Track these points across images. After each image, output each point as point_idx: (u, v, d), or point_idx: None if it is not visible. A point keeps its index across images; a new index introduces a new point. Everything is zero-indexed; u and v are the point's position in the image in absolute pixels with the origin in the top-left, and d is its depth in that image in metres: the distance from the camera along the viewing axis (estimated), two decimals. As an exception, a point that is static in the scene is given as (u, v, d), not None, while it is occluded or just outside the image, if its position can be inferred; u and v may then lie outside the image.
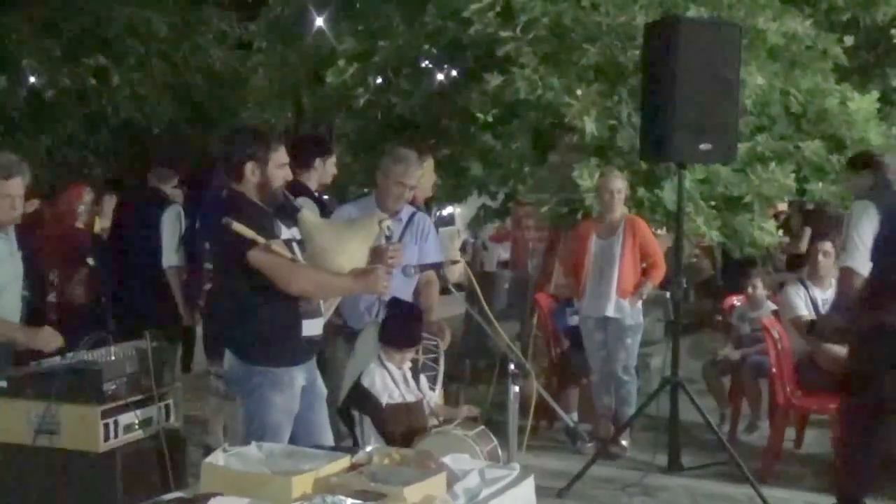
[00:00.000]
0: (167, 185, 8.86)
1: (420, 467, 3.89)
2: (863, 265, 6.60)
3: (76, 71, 16.26)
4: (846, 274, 6.94)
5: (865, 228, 6.74)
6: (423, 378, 5.99)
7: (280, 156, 5.08)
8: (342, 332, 6.36)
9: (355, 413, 5.69)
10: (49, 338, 5.52)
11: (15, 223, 5.73)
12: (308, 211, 5.53)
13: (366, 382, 5.64)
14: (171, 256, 8.35)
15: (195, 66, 17.30)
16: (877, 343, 6.03)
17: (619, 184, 8.44)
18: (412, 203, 6.73)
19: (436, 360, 6.27)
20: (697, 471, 7.64)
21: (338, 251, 5.27)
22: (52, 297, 7.56)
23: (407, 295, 6.28)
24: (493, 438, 5.45)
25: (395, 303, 5.83)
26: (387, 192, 6.38)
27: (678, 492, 7.25)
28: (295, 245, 5.08)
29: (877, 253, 6.30)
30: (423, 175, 6.87)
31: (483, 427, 5.58)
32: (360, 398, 5.66)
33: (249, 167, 5.01)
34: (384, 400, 5.62)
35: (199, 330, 8.96)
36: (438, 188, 9.75)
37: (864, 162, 7.62)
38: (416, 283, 6.46)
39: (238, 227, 4.76)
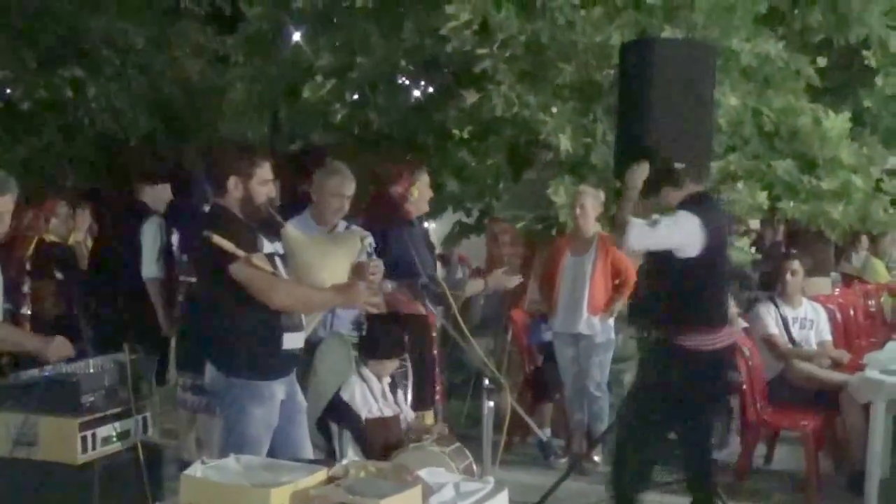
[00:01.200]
0: (159, 200, 8.88)
1: (396, 480, 3.93)
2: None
3: (52, 82, 16.20)
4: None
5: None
6: (400, 393, 6.04)
7: (264, 172, 5.13)
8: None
9: (334, 426, 5.73)
10: (62, 347, 5.54)
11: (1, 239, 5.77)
12: (291, 226, 5.57)
13: (345, 396, 5.69)
14: (150, 268, 8.37)
15: (172, 79, 17.27)
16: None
17: (589, 200, 8.51)
18: (406, 218, 6.80)
19: (405, 375, 6.33)
20: (668, 487, 7.70)
21: (320, 266, 5.32)
22: (25, 310, 7.58)
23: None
24: (469, 455, 5.51)
25: (372, 316, 5.89)
26: (325, 206, 6.42)
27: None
28: (277, 259, 5.13)
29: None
30: (419, 191, 6.90)
31: (459, 444, 5.64)
32: (340, 411, 5.71)
33: (233, 181, 5.06)
34: (364, 414, 5.67)
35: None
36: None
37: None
38: None
39: (218, 240, 4.81)
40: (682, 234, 5.89)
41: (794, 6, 11.07)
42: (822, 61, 10.86)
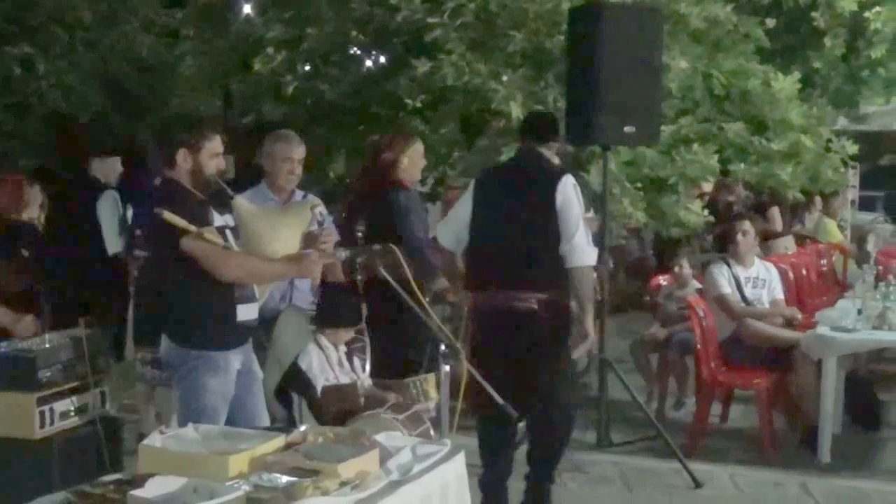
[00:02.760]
0: (110, 173, 8.83)
1: (353, 445, 3.98)
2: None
3: (1, 59, 16.05)
4: None
5: None
6: (356, 360, 6.08)
7: (214, 145, 5.13)
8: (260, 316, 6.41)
9: (293, 395, 5.77)
10: (29, 325, 5.60)
11: None
12: (241, 198, 5.58)
13: (303, 364, 5.72)
14: (114, 242, 8.33)
15: (122, 55, 17.13)
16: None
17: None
18: (402, 186, 6.83)
19: (363, 350, 6.36)
20: (626, 447, 7.80)
21: (271, 237, 5.34)
22: None
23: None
24: (426, 421, 5.56)
25: (327, 283, 5.91)
26: (277, 173, 6.40)
27: (607, 467, 7.38)
28: (228, 232, 5.13)
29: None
30: (409, 159, 6.92)
31: (415, 411, 5.69)
32: (297, 380, 5.74)
33: (182, 154, 5.06)
34: (321, 382, 5.71)
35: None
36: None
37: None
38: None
39: (170, 216, 4.82)
40: None
41: (742, -31, 11.16)
42: (771, 23, 10.97)
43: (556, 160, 6.41)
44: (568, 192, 5.99)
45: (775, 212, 12.81)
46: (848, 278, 12.27)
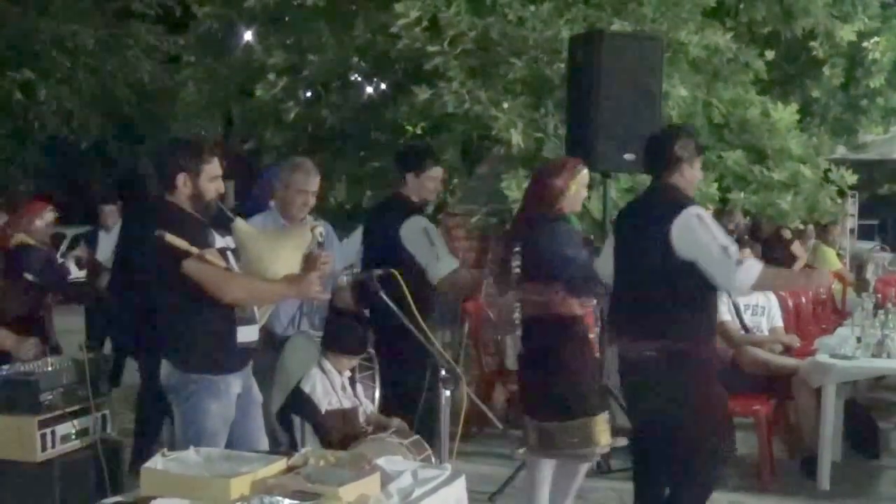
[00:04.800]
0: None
1: (354, 468, 3.98)
2: None
3: (2, 85, 16.11)
4: None
5: None
6: (359, 386, 6.09)
7: (213, 168, 5.14)
8: (270, 341, 6.42)
9: (295, 418, 5.78)
10: (32, 347, 5.62)
11: None
12: (241, 220, 5.60)
13: (306, 388, 5.74)
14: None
15: (123, 80, 17.20)
16: None
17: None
18: (558, 213, 6.66)
19: (372, 378, 6.37)
20: (625, 473, 7.77)
21: (271, 259, 5.35)
22: None
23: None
24: (427, 447, 5.56)
25: (336, 309, 5.94)
26: (290, 202, 6.42)
27: (607, 493, 7.38)
28: (229, 254, 5.15)
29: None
30: (577, 187, 6.61)
31: (418, 437, 5.69)
32: (301, 403, 5.75)
33: (181, 178, 5.08)
34: (324, 406, 5.72)
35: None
36: (367, 199, 9.86)
37: None
38: None
39: (171, 238, 4.83)
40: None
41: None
42: (770, 54, 11.05)
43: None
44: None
45: (798, 247, 12.91)
46: (847, 306, 12.29)
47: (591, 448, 5.99)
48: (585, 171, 6.41)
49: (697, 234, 5.47)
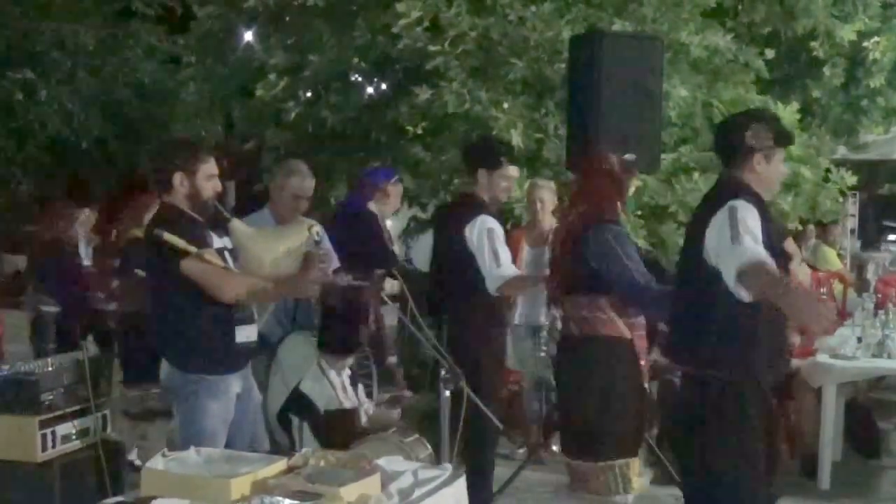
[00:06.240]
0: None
1: (355, 468, 3.98)
2: None
3: (2, 85, 16.10)
4: None
5: None
6: (360, 386, 6.08)
7: (209, 167, 5.14)
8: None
9: (294, 418, 5.78)
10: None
11: None
12: (238, 220, 5.59)
13: (305, 388, 5.74)
14: None
15: (124, 81, 17.20)
16: None
17: (546, 194, 8.57)
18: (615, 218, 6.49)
19: (369, 376, 6.36)
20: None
21: (269, 258, 5.36)
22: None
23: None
24: (428, 447, 5.55)
25: (330, 309, 5.92)
26: (283, 205, 6.37)
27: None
28: (227, 254, 5.16)
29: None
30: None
31: (418, 436, 5.69)
32: (300, 404, 5.75)
33: (178, 178, 5.08)
34: (322, 406, 5.72)
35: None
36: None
37: None
38: None
39: (169, 237, 4.84)
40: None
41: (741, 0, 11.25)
42: (770, 53, 11.03)
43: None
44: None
45: (790, 243, 12.84)
46: (847, 306, 12.28)
47: (625, 497, 5.61)
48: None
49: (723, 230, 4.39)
